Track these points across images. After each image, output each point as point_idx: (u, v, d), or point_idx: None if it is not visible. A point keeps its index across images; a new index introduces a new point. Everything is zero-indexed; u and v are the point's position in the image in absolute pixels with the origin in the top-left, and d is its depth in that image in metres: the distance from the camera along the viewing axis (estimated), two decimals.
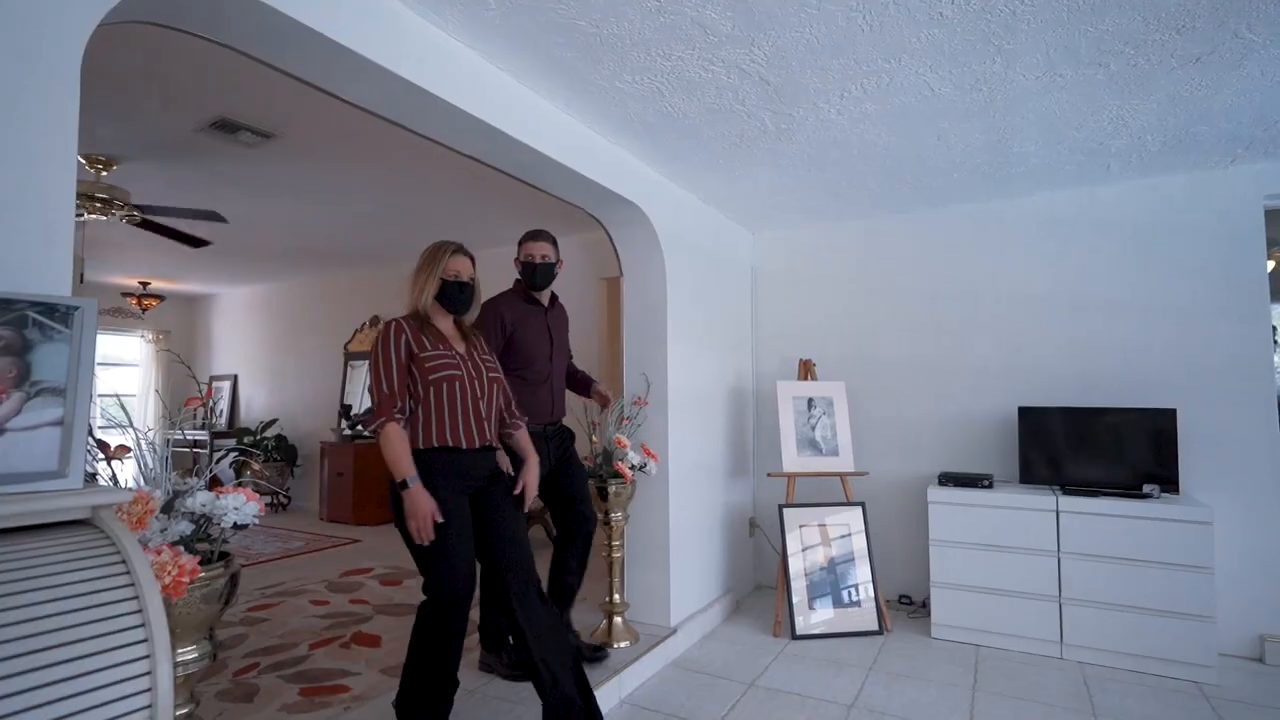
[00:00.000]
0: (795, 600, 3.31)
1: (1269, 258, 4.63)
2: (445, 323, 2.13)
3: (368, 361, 1.97)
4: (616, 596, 2.97)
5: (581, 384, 2.95)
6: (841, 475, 3.53)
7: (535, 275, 2.64)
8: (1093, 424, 3.20)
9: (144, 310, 6.84)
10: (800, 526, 3.46)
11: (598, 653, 2.68)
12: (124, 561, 0.90)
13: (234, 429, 7.44)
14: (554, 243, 2.68)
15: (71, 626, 0.80)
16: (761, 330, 4.23)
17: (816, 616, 3.30)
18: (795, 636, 3.24)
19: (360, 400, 6.45)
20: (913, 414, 3.75)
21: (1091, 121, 2.63)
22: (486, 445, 2.09)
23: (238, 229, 4.83)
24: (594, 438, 2.98)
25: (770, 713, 2.49)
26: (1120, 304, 3.32)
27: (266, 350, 7.46)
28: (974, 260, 3.66)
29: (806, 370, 3.80)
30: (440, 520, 1.89)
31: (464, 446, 2.02)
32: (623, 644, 2.90)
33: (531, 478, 2.20)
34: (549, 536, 5.09)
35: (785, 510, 3.47)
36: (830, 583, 3.39)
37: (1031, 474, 3.30)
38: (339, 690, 2.55)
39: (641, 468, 2.93)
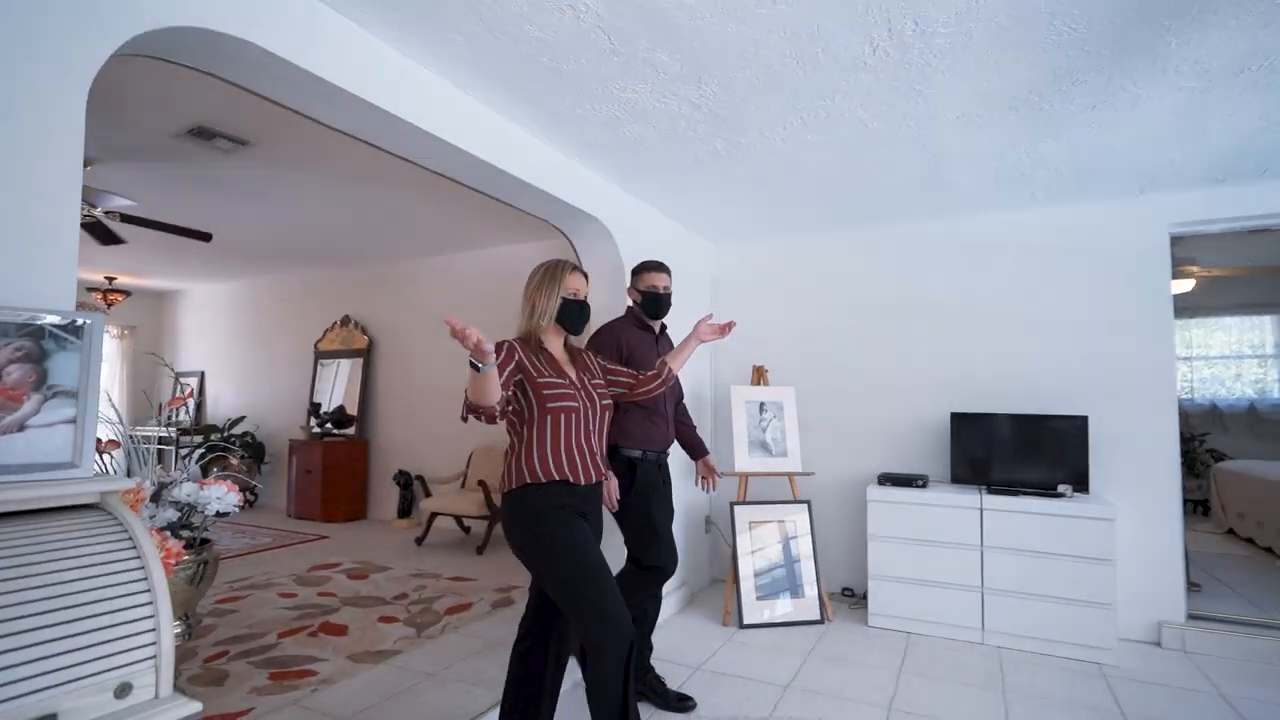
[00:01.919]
0: (744, 591, 3.53)
1: (1189, 277, 5.01)
2: (556, 345, 2.03)
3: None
4: None
5: (692, 442, 2.93)
6: (790, 475, 3.76)
7: (660, 305, 2.64)
8: (1015, 429, 3.48)
9: (109, 305, 6.82)
10: (751, 523, 3.69)
11: (684, 703, 2.54)
12: (130, 538, 1.06)
13: (200, 425, 7.44)
14: (670, 274, 2.72)
15: (91, 590, 0.97)
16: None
17: (763, 607, 3.53)
18: (743, 626, 3.45)
19: (330, 399, 6.53)
20: (856, 418, 4.01)
21: (1011, 155, 2.90)
22: (598, 481, 1.98)
23: (210, 228, 4.89)
24: None
25: (713, 692, 2.69)
26: (1043, 319, 3.61)
27: (235, 347, 7.47)
28: (915, 275, 3.93)
29: (759, 376, 4.03)
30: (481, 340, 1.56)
31: (582, 482, 1.91)
32: None
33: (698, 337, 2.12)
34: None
35: (736, 508, 3.69)
36: (777, 575, 3.62)
37: (961, 474, 3.58)
38: (307, 674, 2.69)
39: None
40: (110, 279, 6.86)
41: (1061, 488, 3.28)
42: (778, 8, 1.84)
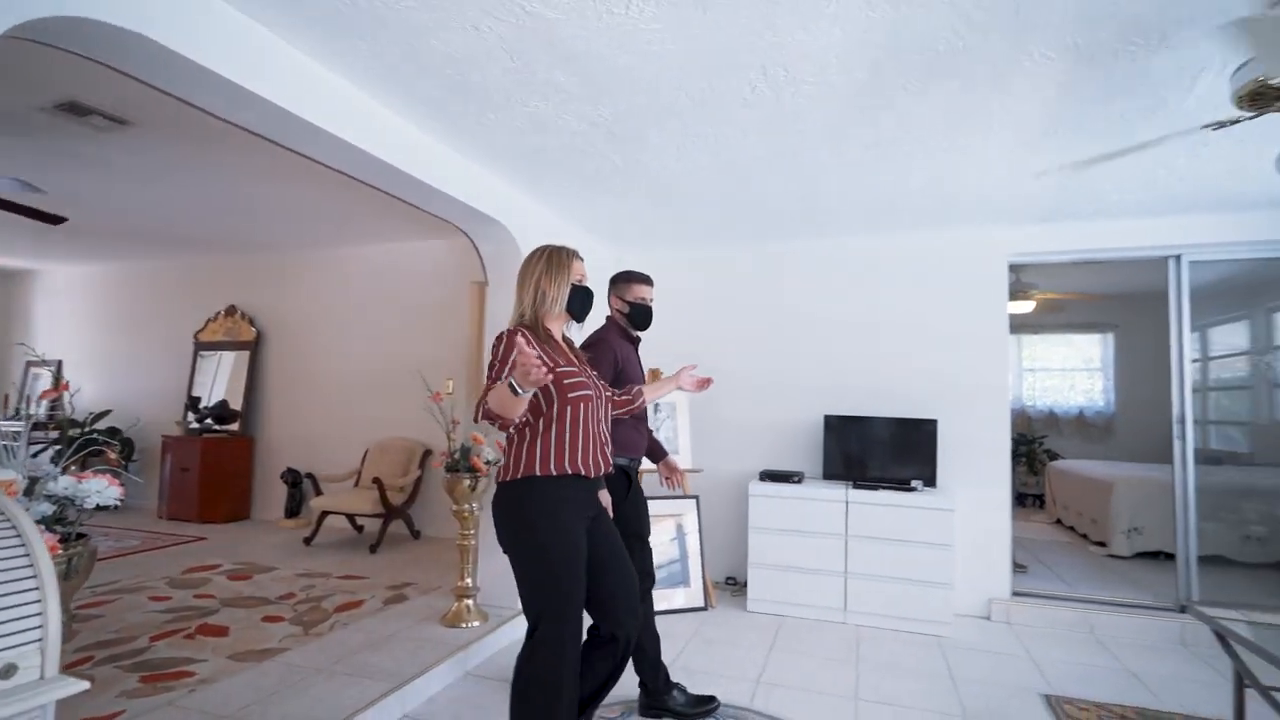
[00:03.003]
0: None
1: (1029, 298, 5.71)
2: (556, 334, 1.98)
3: (487, 364, 1.86)
4: (468, 580, 3.24)
5: (652, 446, 2.91)
6: (680, 471, 3.99)
7: (649, 318, 2.66)
8: (877, 430, 3.90)
9: None
10: None
11: (708, 703, 2.53)
12: (13, 525, 1.09)
13: (56, 419, 6.78)
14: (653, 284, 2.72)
15: None
16: None
17: (658, 598, 3.72)
18: None
19: (211, 393, 6.17)
20: (743, 419, 4.32)
21: (876, 187, 3.26)
22: (606, 474, 1.95)
23: (78, 207, 4.54)
24: (451, 435, 3.23)
25: None
26: (903, 332, 4.05)
27: (100, 335, 6.88)
28: (797, 288, 4.29)
29: (654, 378, 4.25)
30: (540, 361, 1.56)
31: (592, 474, 1.86)
32: (473, 624, 3.17)
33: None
34: (411, 531, 5.20)
35: None
36: (673, 570, 3.84)
37: (832, 471, 3.95)
38: (184, 675, 2.61)
39: (496, 463, 3.22)
40: None
41: (914, 482, 3.71)
42: (665, 45, 2.03)
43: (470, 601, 3.23)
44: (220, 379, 6.22)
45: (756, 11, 1.84)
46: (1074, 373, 7.71)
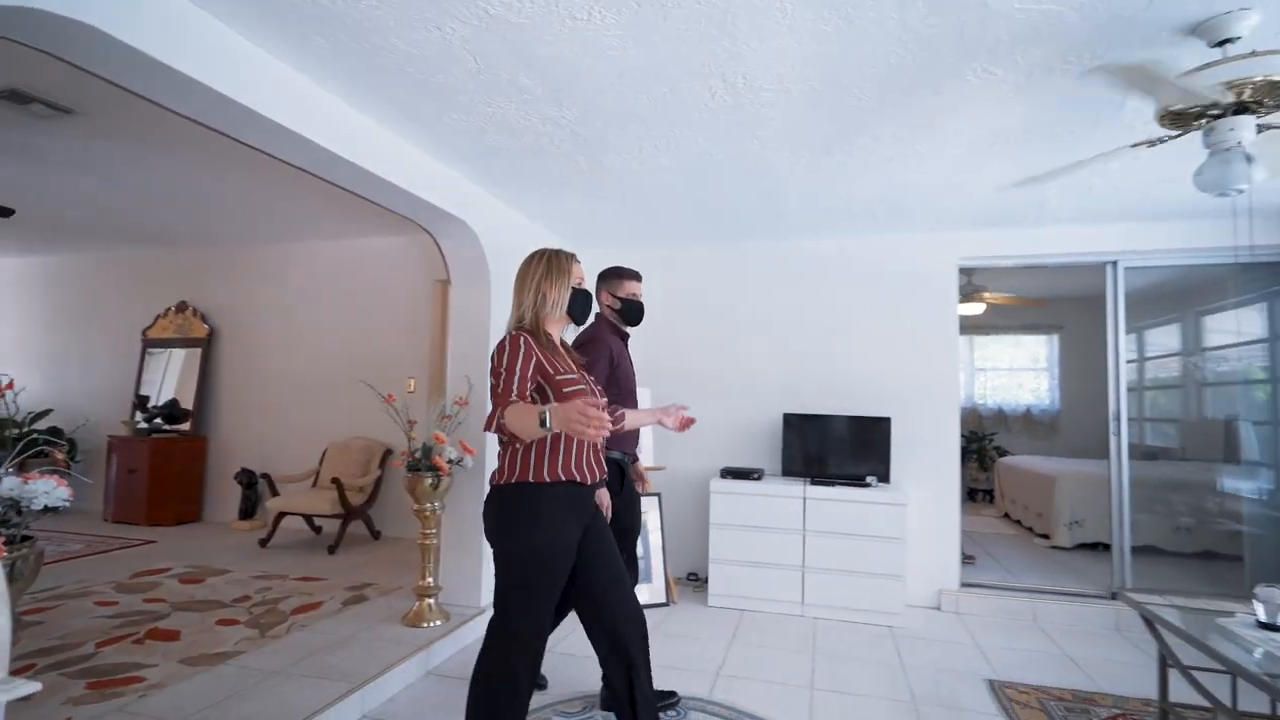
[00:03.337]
0: None
1: (979, 300, 5.92)
2: (555, 336, 1.99)
3: (490, 370, 1.79)
4: (430, 580, 3.23)
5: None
6: (647, 478, 4.04)
7: (640, 314, 2.65)
8: (834, 428, 4.01)
9: None
10: None
11: (668, 698, 2.60)
12: None
13: None
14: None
15: None
16: None
17: None
18: None
19: (160, 392, 5.98)
20: (705, 417, 4.37)
21: (832, 192, 3.36)
22: (602, 479, 1.96)
23: (19, 198, 4.35)
24: (410, 435, 3.21)
25: (561, 672, 2.89)
26: (859, 332, 4.17)
27: (40, 332, 6.59)
28: (757, 288, 4.37)
29: None
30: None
31: (588, 481, 1.87)
32: (435, 623, 3.16)
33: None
34: (370, 531, 5.14)
35: None
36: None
37: (791, 468, 4.05)
38: (133, 681, 2.55)
39: (458, 462, 3.21)
40: None
41: (869, 479, 3.83)
42: (627, 51, 2.07)
43: (432, 601, 3.22)
44: (170, 377, 6.03)
45: (715, 21, 1.89)
46: (1022, 372, 8.01)
